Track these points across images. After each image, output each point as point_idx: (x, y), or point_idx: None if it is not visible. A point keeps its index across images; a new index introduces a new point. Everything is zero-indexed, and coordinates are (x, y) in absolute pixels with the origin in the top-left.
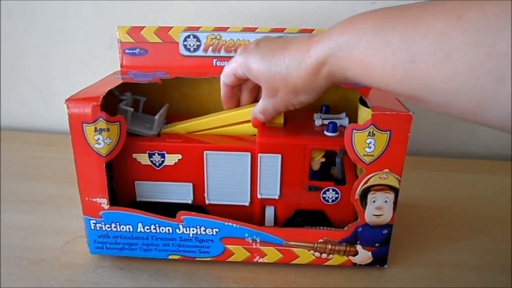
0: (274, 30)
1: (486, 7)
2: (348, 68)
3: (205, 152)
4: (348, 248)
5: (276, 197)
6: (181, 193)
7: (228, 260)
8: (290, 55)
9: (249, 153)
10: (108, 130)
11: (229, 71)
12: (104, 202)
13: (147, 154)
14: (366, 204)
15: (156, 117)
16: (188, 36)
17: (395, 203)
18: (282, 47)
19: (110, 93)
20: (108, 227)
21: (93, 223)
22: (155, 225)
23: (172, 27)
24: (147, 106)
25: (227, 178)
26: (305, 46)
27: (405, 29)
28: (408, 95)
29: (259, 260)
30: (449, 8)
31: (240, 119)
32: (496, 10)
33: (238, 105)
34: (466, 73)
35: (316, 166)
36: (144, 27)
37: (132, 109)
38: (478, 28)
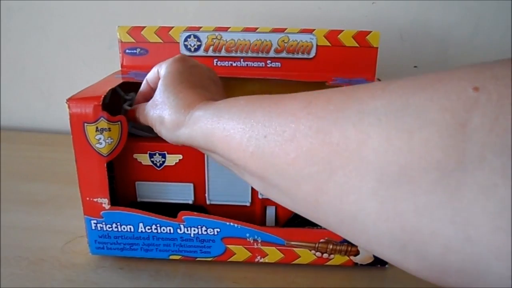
0: (274, 30)
1: (332, 97)
2: (212, 133)
3: None
4: (349, 248)
5: None
6: (182, 193)
7: (230, 260)
8: (176, 101)
9: None
10: (110, 130)
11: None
12: (105, 202)
13: (148, 155)
14: None
15: None
16: (189, 36)
17: None
18: (173, 88)
19: (114, 92)
20: (109, 227)
21: (94, 223)
22: (156, 225)
23: (172, 27)
24: None
25: (228, 178)
26: (194, 100)
27: (268, 105)
28: (259, 174)
29: (261, 260)
30: (307, 94)
31: None
32: (337, 101)
33: None
34: (305, 157)
35: None
36: (144, 27)
37: None
38: (320, 114)
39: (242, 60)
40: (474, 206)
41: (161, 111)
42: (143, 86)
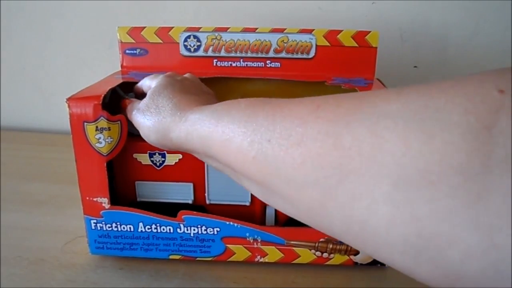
0: (274, 30)
1: (342, 101)
2: (210, 136)
3: None
4: (349, 248)
5: None
6: (182, 193)
7: (229, 259)
8: (172, 111)
9: None
10: (109, 129)
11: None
12: (105, 201)
13: (147, 154)
14: None
15: None
16: (189, 37)
17: None
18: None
19: (114, 92)
20: (109, 227)
21: (94, 222)
22: (156, 225)
23: (172, 27)
24: None
25: (228, 177)
26: (189, 105)
27: (272, 108)
28: (260, 180)
29: (260, 260)
30: (315, 99)
31: None
32: (348, 104)
33: None
34: (313, 162)
35: None
36: (144, 27)
37: None
38: (330, 118)
39: (241, 60)
40: (500, 211)
41: (151, 116)
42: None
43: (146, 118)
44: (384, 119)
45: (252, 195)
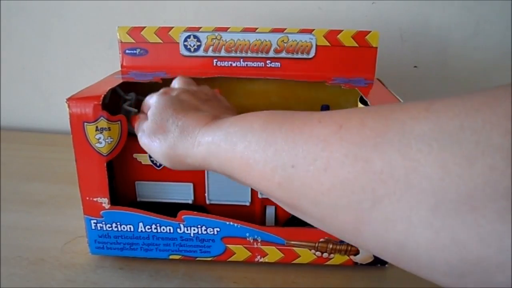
0: (274, 30)
1: (365, 119)
2: (229, 161)
3: None
4: (349, 248)
5: None
6: (182, 193)
7: (229, 259)
8: (180, 131)
9: None
10: (109, 129)
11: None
12: (105, 201)
13: (147, 154)
14: None
15: None
16: (189, 36)
17: None
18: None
19: (114, 92)
20: (109, 227)
21: (94, 223)
22: (156, 225)
23: (172, 27)
24: None
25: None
26: (196, 125)
27: (291, 130)
28: (288, 203)
29: (260, 260)
30: (334, 116)
31: None
32: (374, 123)
33: None
34: (343, 187)
35: None
36: (144, 27)
37: (136, 110)
38: (356, 140)
39: (241, 60)
40: None
41: (160, 142)
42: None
43: (155, 144)
44: (416, 141)
45: (252, 195)
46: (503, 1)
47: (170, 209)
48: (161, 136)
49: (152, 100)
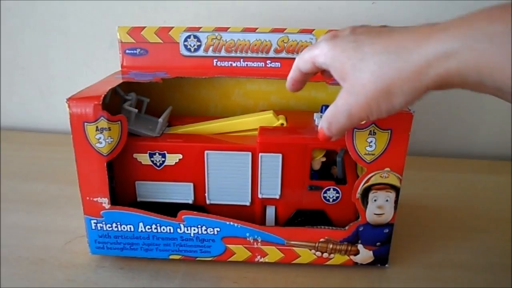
0: (274, 30)
1: None
2: (487, 67)
3: (206, 152)
4: (349, 248)
5: (277, 197)
6: (182, 193)
7: (229, 259)
8: (396, 44)
9: (250, 153)
10: (109, 129)
11: (308, 57)
12: (105, 201)
13: (147, 154)
14: (367, 203)
15: (160, 119)
16: (189, 36)
17: (396, 202)
18: (386, 34)
19: (114, 92)
20: (109, 227)
21: (94, 222)
22: (156, 225)
23: (172, 27)
24: (148, 106)
25: (228, 178)
26: (420, 34)
27: None
28: None
29: (261, 260)
30: None
31: (244, 128)
32: None
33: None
34: None
35: (316, 166)
36: (144, 27)
37: (136, 110)
38: None
39: (242, 60)
40: None
41: (383, 48)
42: (305, 69)
43: (376, 65)
44: None
45: (252, 195)
46: (503, 1)
47: (170, 209)
48: (373, 67)
49: (346, 31)
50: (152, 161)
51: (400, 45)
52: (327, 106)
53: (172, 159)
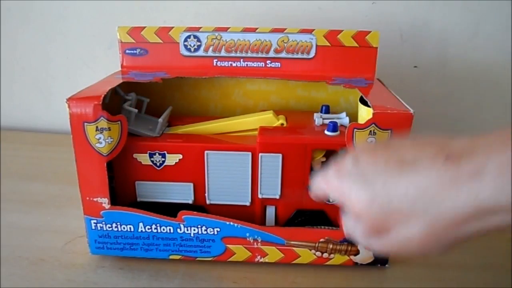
0: (274, 30)
1: None
2: None
3: (206, 152)
4: (349, 248)
5: (277, 197)
6: (182, 193)
7: (229, 259)
8: (417, 181)
9: (250, 153)
10: (109, 129)
11: (320, 190)
12: (105, 201)
13: (147, 154)
14: None
15: (160, 119)
16: (189, 36)
17: None
18: (397, 164)
19: (114, 92)
20: (109, 227)
21: (94, 223)
22: (156, 225)
23: (172, 27)
24: (148, 106)
25: (228, 178)
26: (446, 178)
27: None
28: None
29: (261, 260)
30: None
31: (244, 128)
32: None
33: None
34: None
35: (316, 166)
36: (144, 27)
37: (136, 110)
38: None
39: (242, 60)
40: None
41: (404, 186)
42: (320, 196)
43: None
44: None
45: (252, 195)
46: (503, 1)
47: (170, 209)
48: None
49: (349, 164)
50: (152, 161)
51: (426, 187)
52: (327, 106)
53: (172, 159)
